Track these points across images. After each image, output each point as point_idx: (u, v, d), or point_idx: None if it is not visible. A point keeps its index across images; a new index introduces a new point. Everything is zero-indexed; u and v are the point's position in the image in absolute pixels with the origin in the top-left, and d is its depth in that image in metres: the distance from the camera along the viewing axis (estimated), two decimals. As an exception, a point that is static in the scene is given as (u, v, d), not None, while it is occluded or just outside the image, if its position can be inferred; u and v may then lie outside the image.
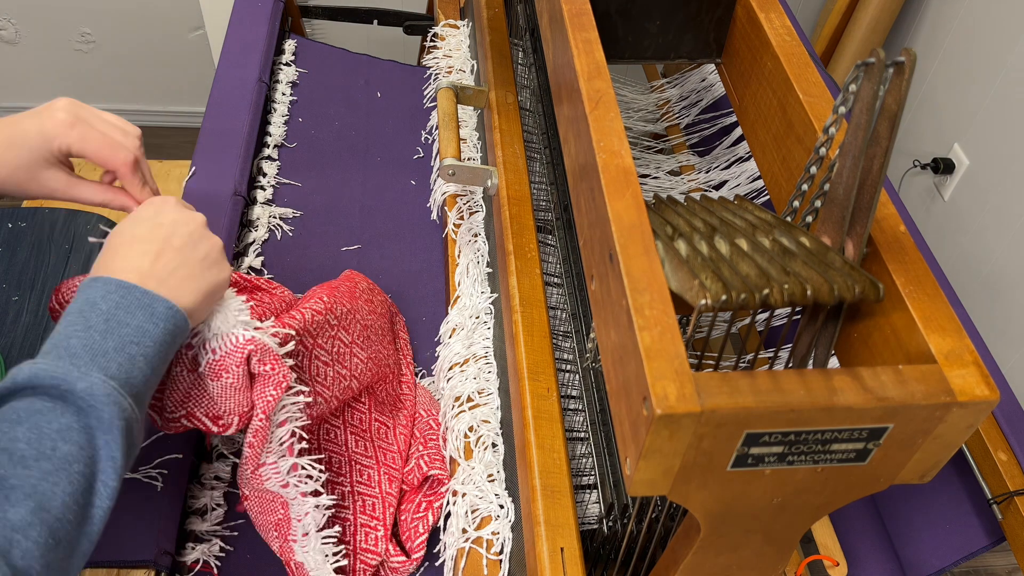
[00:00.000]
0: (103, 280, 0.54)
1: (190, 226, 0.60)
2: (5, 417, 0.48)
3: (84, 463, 0.48)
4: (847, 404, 0.39)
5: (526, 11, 1.04)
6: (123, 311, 0.53)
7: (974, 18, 1.56)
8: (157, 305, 0.54)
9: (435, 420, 0.80)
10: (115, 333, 0.52)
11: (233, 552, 0.74)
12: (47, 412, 0.48)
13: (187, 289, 0.57)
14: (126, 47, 2.07)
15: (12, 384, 0.49)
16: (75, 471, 0.48)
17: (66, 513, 0.47)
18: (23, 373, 0.49)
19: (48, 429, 0.48)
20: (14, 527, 0.44)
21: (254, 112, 1.05)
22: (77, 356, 0.50)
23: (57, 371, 0.49)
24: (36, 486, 0.46)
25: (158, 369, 0.55)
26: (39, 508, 0.45)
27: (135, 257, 0.56)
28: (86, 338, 0.51)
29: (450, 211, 0.94)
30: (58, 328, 0.52)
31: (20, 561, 0.44)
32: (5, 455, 0.46)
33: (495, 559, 0.67)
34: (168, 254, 0.57)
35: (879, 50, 0.41)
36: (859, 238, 0.45)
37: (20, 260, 1.01)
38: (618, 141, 0.51)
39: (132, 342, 0.52)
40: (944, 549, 0.82)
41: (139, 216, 0.60)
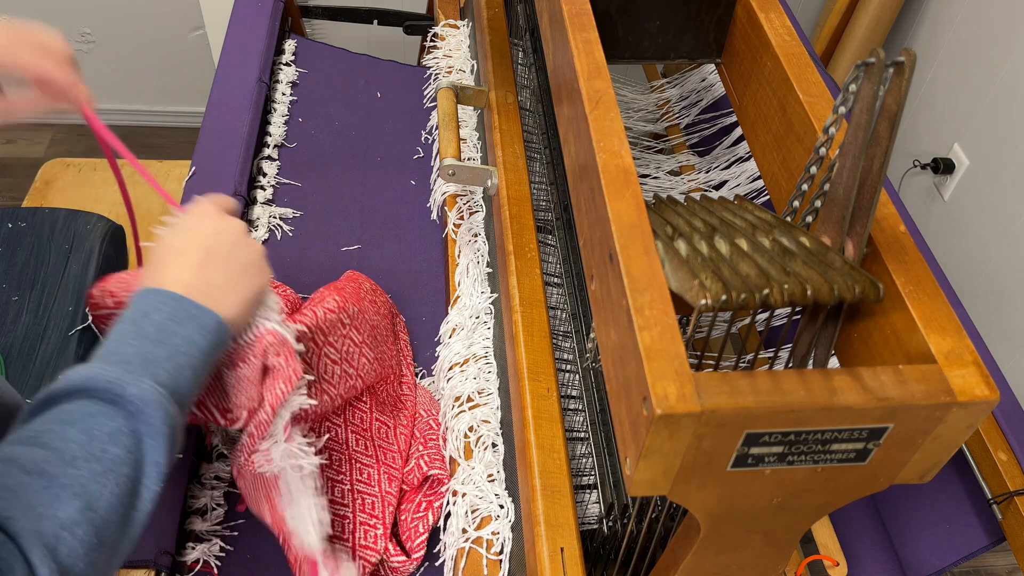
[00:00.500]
0: (156, 291, 0.56)
1: (231, 235, 0.62)
2: (58, 418, 0.49)
3: (131, 466, 0.50)
4: (847, 404, 0.39)
5: (526, 11, 1.04)
6: (175, 322, 0.55)
7: (974, 18, 1.56)
8: (206, 318, 0.56)
9: (435, 420, 0.80)
10: (166, 343, 0.54)
11: (233, 552, 0.74)
12: (98, 415, 0.50)
13: (229, 301, 0.59)
14: (126, 47, 2.07)
15: (68, 385, 0.50)
16: (122, 474, 0.49)
17: (111, 514, 0.48)
18: (78, 375, 0.51)
19: (99, 432, 0.49)
20: (63, 525, 0.45)
21: (254, 112, 1.05)
22: (130, 363, 0.52)
23: (111, 375, 0.51)
24: (85, 486, 0.47)
25: (201, 379, 0.56)
26: (87, 508, 0.46)
27: (179, 270, 0.58)
28: (139, 346, 0.53)
29: (450, 211, 0.94)
30: (111, 335, 0.54)
31: (66, 559, 0.45)
32: (57, 455, 0.47)
33: (495, 559, 0.67)
34: (210, 265, 0.59)
35: (879, 50, 0.41)
36: (859, 238, 0.45)
37: (20, 260, 1.01)
38: (618, 141, 0.51)
39: (182, 352, 0.54)
40: (944, 549, 0.82)
41: (181, 226, 0.61)
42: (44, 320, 0.96)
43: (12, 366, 0.92)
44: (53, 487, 0.46)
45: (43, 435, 0.48)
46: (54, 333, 0.95)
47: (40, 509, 0.45)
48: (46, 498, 0.46)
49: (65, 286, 0.99)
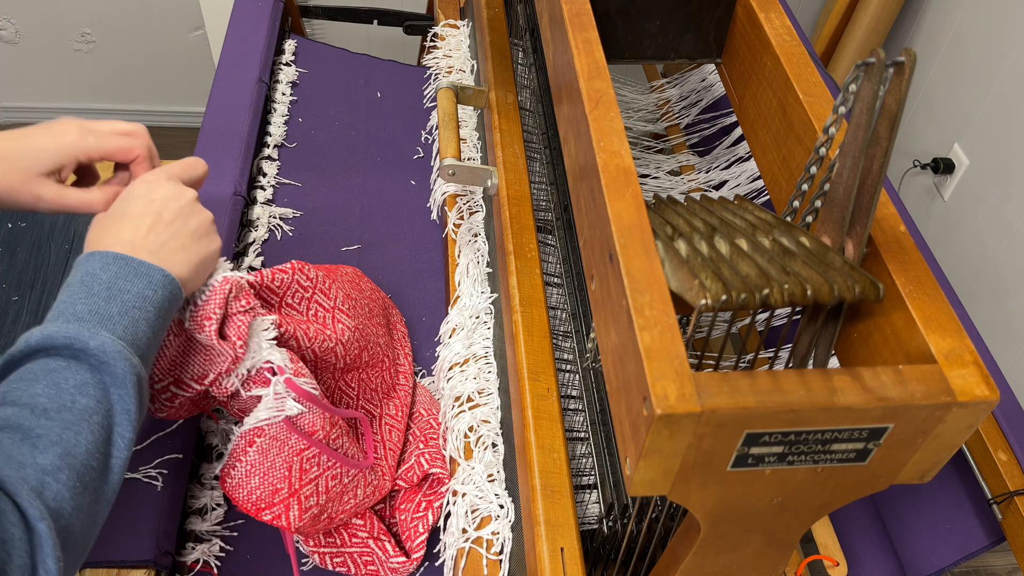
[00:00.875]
0: (100, 254, 0.57)
1: (181, 201, 0.62)
2: (23, 377, 0.51)
3: (102, 415, 0.51)
4: (847, 404, 0.39)
5: (526, 11, 1.04)
6: (123, 279, 0.56)
7: (974, 18, 1.56)
8: (154, 273, 0.57)
9: (435, 419, 0.80)
10: (117, 299, 0.54)
11: (233, 552, 0.74)
12: (63, 370, 0.51)
13: (179, 260, 0.59)
14: (126, 47, 2.07)
15: (26, 347, 0.52)
16: (95, 422, 0.50)
17: (90, 460, 0.49)
18: (35, 336, 0.52)
19: (66, 385, 0.50)
20: (44, 470, 0.47)
21: (254, 112, 1.05)
22: (84, 320, 0.53)
23: (69, 331, 0.52)
24: (61, 435, 0.48)
25: (159, 333, 0.57)
26: (65, 454, 0.48)
27: (126, 231, 0.59)
28: (90, 304, 0.54)
29: (450, 211, 0.94)
30: (60, 298, 0.55)
31: (52, 502, 0.46)
32: (27, 409, 0.49)
33: (495, 559, 0.67)
34: (159, 227, 0.60)
35: (879, 50, 0.41)
36: (859, 238, 0.45)
37: (20, 260, 1.01)
38: (618, 141, 0.51)
39: (134, 307, 0.55)
40: (944, 549, 0.82)
41: (131, 194, 0.62)
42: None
43: (12, 366, 0.92)
44: (29, 438, 0.48)
45: (10, 394, 0.50)
46: (54, 333, 0.95)
47: (20, 458, 0.47)
48: (24, 448, 0.47)
49: (65, 286, 0.99)
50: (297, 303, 0.73)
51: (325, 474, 0.68)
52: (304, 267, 0.74)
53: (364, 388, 0.80)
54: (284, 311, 0.72)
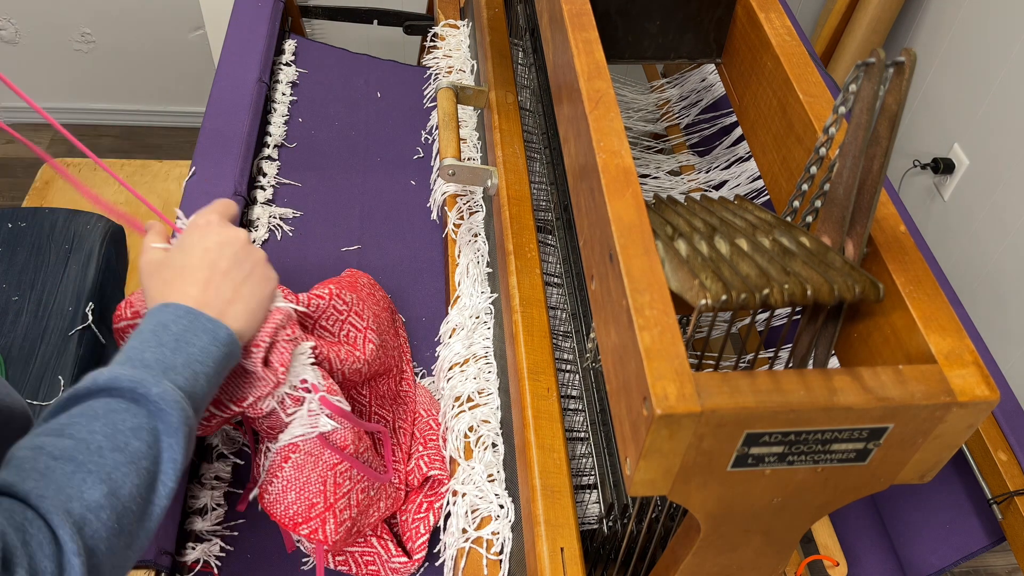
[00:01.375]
0: (173, 306, 0.59)
1: (234, 247, 0.64)
2: (84, 413, 0.52)
3: (151, 461, 0.52)
4: (847, 404, 0.39)
5: (526, 11, 1.04)
6: (191, 334, 0.58)
7: (974, 18, 1.56)
8: (220, 331, 0.59)
9: (435, 420, 0.80)
10: (183, 352, 0.57)
11: (233, 552, 0.74)
12: (122, 412, 0.52)
13: (236, 311, 0.62)
14: (126, 47, 2.07)
15: (92, 385, 0.53)
16: (143, 467, 0.52)
17: (132, 503, 0.50)
18: (103, 376, 0.53)
19: (123, 426, 0.52)
20: (89, 506, 0.48)
21: (254, 112, 1.05)
22: (150, 367, 0.55)
23: (135, 376, 0.54)
24: (110, 474, 0.50)
25: (213, 388, 0.59)
26: (111, 494, 0.49)
27: (187, 286, 0.61)
28: (158, 353, 0.56)
29: (450, 211, 0.94)
30: (131, 343, 0.57)
31: (90, 540, 0.47)
32: (83, 444, 0.50)
33: (495, 559, 0.67)
34: (216, 280, 0.62)
35: (879, 50, 0.41)
36: (859, 238, 0.45)
37: (20, 260, 1.01)
38: (618, 141, 0.51)
39: (197, 360, 0.57)
40: (944, 549, 0.82)
41: (185, 243, 0.64)
42: (44, 320, 0.96)
43: (12, 366, 0.92)
44: (80, 472, 0.49)
45: (69, 427, 0.51)
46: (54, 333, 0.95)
47: (69, 490, 0.48)
48: (74, 481, 0.48)
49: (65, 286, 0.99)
50: (331, 325, 0.74)
51: (356, 487, 0.69)
52: (341, 292, 0.75)
53: (375, 395, 0.80)
54: (318, 332, 0.73)
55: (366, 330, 0.77)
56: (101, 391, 0.53)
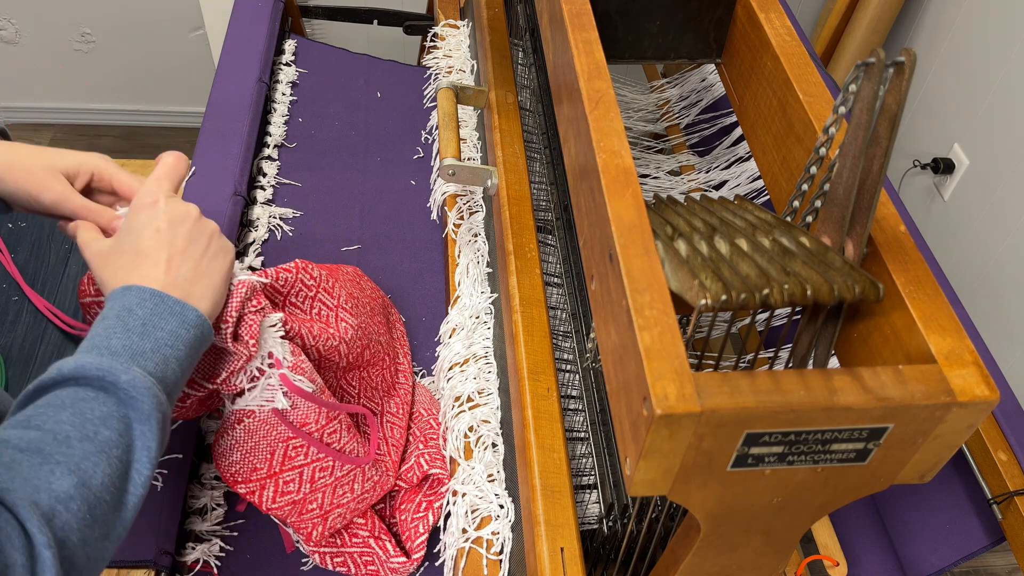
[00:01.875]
0: (137, 288, 0.57)
1: (187, 224, 0.62)
2: (50, 403, 0.51)
3: (122, 449, 0.51)
4: (847, 404, 0.39)
5: (526, 11, 1.04)
6: (158, 317, 0.56)
7: (974, 18, 1.56)
8: (188, 313, 0.58)
9: (435, 419, 0.80)
10: (151, 336, 0.55)
11: (233, 552, 0.74)
12: (90, 400, 0.51)
13: (200, 289, 0.60)
14: (126, 47, 2.07)
15: (58, 375, 0.52)
16: (114, 455, 0.51)
17: (104, 494, 0.49)
18: (68, 366, 0.52)
19: (91, 415, 0.51)
20: (57, 498, 0.47)
21: (254, 112, 1.05)
22: (118, 354, 0.53)
23: (102, 364, 0.52)
24: (79, 464, 0.49)
25: (186, 372, 0.58)
26: (81, 484, 0.48)
27: (147, 270, 0.59)
28: (125, 339, 0.54)
29: (450, 211, 0.94)
30: (95, 331, 0.55)
31: (60, 531, 0.46)
32: (50, 435, 0.49)
33: (495, 559, 0.67)
34: (176, 260, 0.60)
35: (879, 50, 0.41)
36: (859, 238, 0.45)
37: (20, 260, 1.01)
38: (618, 141, 0.51)
39: (167, 345, 0.56)
40: (944, 549, 0.82)
41: (135, 225, 0.61)
42: (44, 320, 0.96)
43: (12, 366, 0.92)
44: (48, 463, 0.48)
45: (35, 418, 0.50)
46: (54, 333, 0.95)
47: (36, 482, 0.47)
48: (42, 473, 0.47)
49: (65, 286, 0.99)
50: (301, 302, 0.74)
51: (312, 465, 0.69)
52: (308, 266, 0.74)
53: (365, 386, 0.80)
54: (288, 310, 0.72)
55: (338, 308, 0.76)
56: (67, 380, 0.52)
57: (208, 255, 0.62)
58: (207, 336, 0.59)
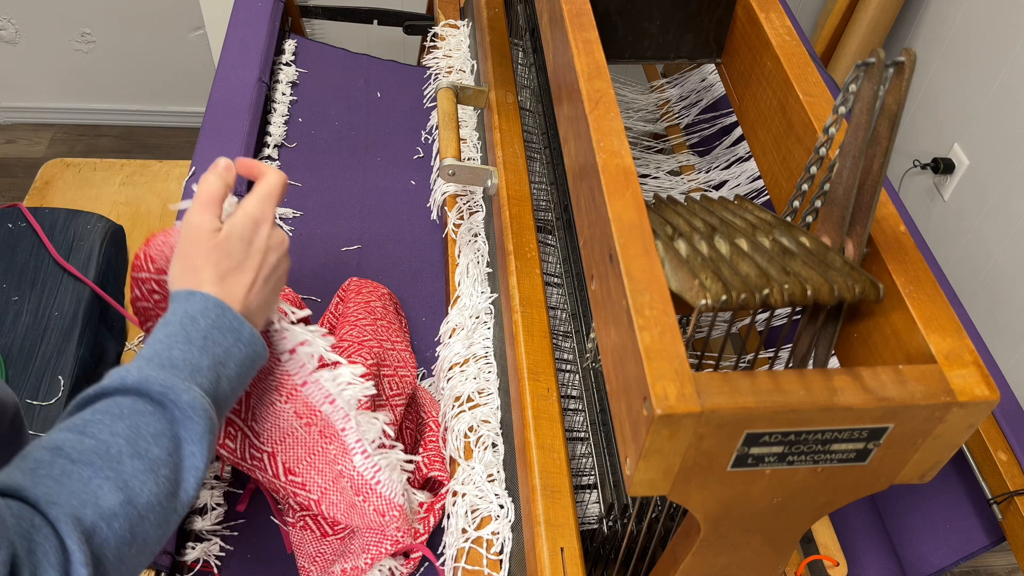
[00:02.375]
0: (202, 296, 0.57)
1: (279, 253, 0.63)
2: (109, 410, 0.51)
3: (171, 468, 0.51)
4: (847, 404, 0.39)
5: (526, 11, 1.04)
6: (218, 331, 0.57)
7: (974, 18, 1.56)
8: (244, 331, 0.58)
9: (435, 421, 0.80)
10: (210, 352, 0.56)
11: (233, 552, 0.74)
12: (147, 415, 0.51)
13: (262, 316, 0.62)
14: (126, 47, 2.07)
15: (121, 384, 0.52)
16: (162, 474, 0.51)
17: (148, 512, 0.49)
18: (132, 376, 0.52)
19: (145, 431, 0.51)
20: (102, 514, 0.47)
21: (254, 112, 1.05)
22: (179, 368, 0.54)
23: (165, 380, 0.52)
24: (128, 481, 0.49)
25: (236, 392, 0.59)
26: (127, 502, 0.48)
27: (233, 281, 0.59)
28: (187, 352, 0.55)
29: (450, 211, 0.94)
30: (157, 335, 0.55)
31: (98, 548, 0.46)
32: (104, 447, 0.49)
33: (495, 559, 0.67)
34: (258, 286, 0.61)
35: (879, 50, 0.41)
36: (859, 238, 0.45)
37: (20, 260, 1.01)
38: (618, 141, 0.51)
39: (221, 363, 0.56)
40: (944, 549, 0.82)
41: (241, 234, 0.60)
42: (44, 320, 0.96)
43: (12, 366, 0.92)
44: (98, 477, 0.48)
45: (92, 425, 0.50)
46: (54, 333, 0.95)
47: (83, 496, 0.47)
48: (90, 487, 0.47)
49: (65, 286, 0.99)
50: None
51: None
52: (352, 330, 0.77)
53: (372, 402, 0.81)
54: None
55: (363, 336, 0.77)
56: (128, 391, 0.52)
57: (277, 288, 0.63)
58: (260, 356, 0.60)
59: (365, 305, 0.84)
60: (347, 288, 0.88)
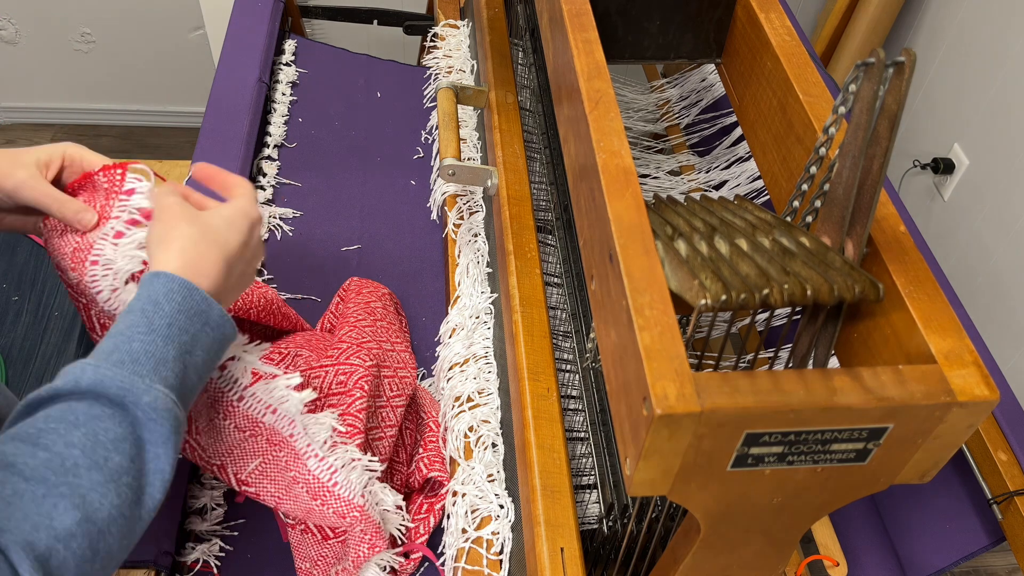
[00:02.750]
0: (167, 278, 0.53)
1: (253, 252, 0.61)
2: (64, 418, 0.48)
3: (133, 476, 0.48)
4: (847, 404, 0.39)
5: (526, 11, 1.04)
6: (184, 316, 0.53)
7: (974, 18, 1.56)
8: (212, 313, 0.55)
9: (435, 421, 0.80)
10: (175, 341, 0.52)
11: (233, 552, 0.74)
12: (105, 419, 0.48)
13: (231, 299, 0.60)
14: (126, 47, 2.07)
15: (75, 387, 0.49)
16: (123, 483, 0.48)
17: (110, 526, 0.47)
18: (87, 377, 0.49)
19: (104, 438, 0.48)
20: (57, 536, 0.44)
21: (254, 112, 1.05)
22: (140, 362, 0.50)
23: (124, 381, 0.49)
24: (85, 497, 0.46)
25: (203, 380, 0.55)
26: (85, 519, 0.45)
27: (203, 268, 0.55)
28: (149, 343, 0.51)
29: (450, 211, 0.94)
30: (119, 326, 0.52)
31: (55, 571, 0.44)
32: (58, 460, 0.46)
33: (495, 559, 0.67)
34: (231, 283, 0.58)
35: (879, 50, 0.41)
36: (859, 238, 0.45)
37: (20, 260, 1.01)
38: (618, 141, 0.51)
39: (187, 352, 0.53)
40: (944, 549, 0.82)
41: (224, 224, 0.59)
42: (44, 320, 0.96)
43: (12, 366, 0.92)
44: (52, 495, 0.45)
45: (46, 434, 0.47)
46: (54, 333, 0.95)
47: (36, 519, 0.44)
48: (44, 508, 0.44)
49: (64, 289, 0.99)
50: None
51: None
52: None
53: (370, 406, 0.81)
54: None
55: None
56: (84, 394, 0.49)
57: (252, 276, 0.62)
58: (229, 337, 0.57)
59: (365, 306, 0.84)
60: (347, 288, 0.88)
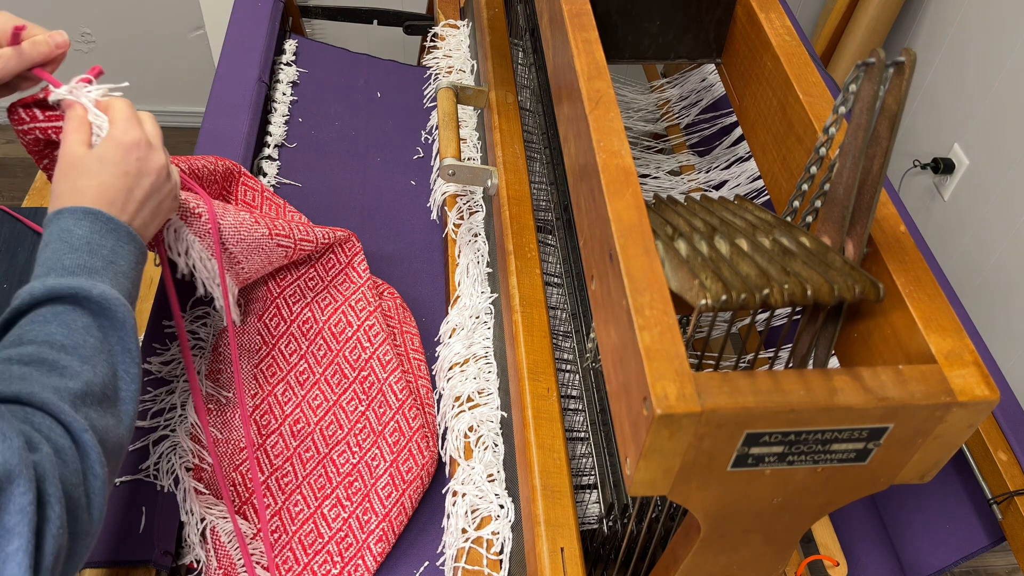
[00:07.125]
0: (70, 209, 0.58)
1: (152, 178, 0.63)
2: (34, 320, 0.54)
3: (107, 354, 0.55)
4: (847, 404, 0.39)
5: (526, 11, 1.04)
6: (98, 235, 0.58)
7: (974, 18, 1.56)
8: (121, 230, 0.60)
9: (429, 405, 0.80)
10: (98, 253, 0.57)
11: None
12: (70, 312, 0.54)
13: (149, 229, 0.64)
14: (126, 47, 2.07)
15: (30, 298, 0.54)
16: (101, 359, 0.54)
17: (105, 391, 0.53)
18: (38, 289, 0.54)
19: (75, 326, 0.54)
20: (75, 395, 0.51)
21: (254, 112, 1.05)
22: (75, 273, 0.56)
23: (72, 282, 0.54)
24: (80, 368, 0.52)
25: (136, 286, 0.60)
26: (87, 383, 0.52)
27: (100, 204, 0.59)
28: (75, 258, 0.56)
29: (450, 211, 0.94)
30: (44, 255, 0.57)
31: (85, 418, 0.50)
32: (47, 345, 0.52)
33: (495, 559, 0.67)
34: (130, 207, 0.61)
35: (879, 50, 0.41)
36: (859, 238, 0.45)
37: (20, 260, 1.01)
38: (618, 141, 0.51)
39: (111, 261, 0.58)
40: (944, 549, 0.82)
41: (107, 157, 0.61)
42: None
43: (12, 366, 0.92)
44: (55, 369, 0.51)
45: (27, 335, 0.53)
46: (54, 333, 0.95)
47: (54, 383, 0.50)
48: (53, 376, 0.51)
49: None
50: None
51: None
52: None
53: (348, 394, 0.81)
54: None
55: None
56: (40, 302, 0.54)
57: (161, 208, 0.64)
58: (144, 253, 0.62)
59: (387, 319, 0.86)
60: None
